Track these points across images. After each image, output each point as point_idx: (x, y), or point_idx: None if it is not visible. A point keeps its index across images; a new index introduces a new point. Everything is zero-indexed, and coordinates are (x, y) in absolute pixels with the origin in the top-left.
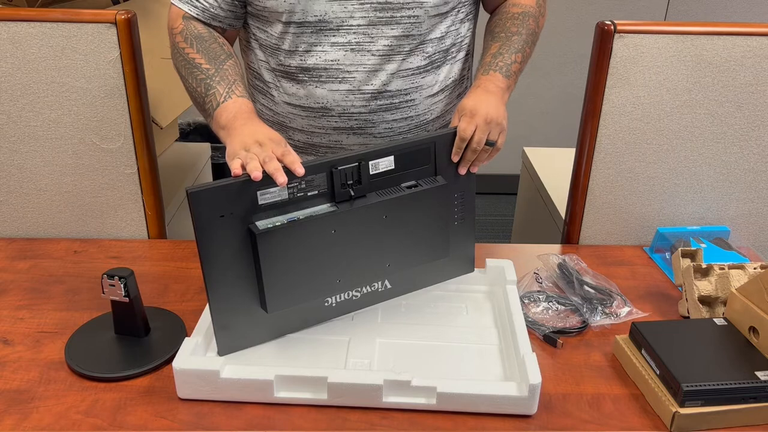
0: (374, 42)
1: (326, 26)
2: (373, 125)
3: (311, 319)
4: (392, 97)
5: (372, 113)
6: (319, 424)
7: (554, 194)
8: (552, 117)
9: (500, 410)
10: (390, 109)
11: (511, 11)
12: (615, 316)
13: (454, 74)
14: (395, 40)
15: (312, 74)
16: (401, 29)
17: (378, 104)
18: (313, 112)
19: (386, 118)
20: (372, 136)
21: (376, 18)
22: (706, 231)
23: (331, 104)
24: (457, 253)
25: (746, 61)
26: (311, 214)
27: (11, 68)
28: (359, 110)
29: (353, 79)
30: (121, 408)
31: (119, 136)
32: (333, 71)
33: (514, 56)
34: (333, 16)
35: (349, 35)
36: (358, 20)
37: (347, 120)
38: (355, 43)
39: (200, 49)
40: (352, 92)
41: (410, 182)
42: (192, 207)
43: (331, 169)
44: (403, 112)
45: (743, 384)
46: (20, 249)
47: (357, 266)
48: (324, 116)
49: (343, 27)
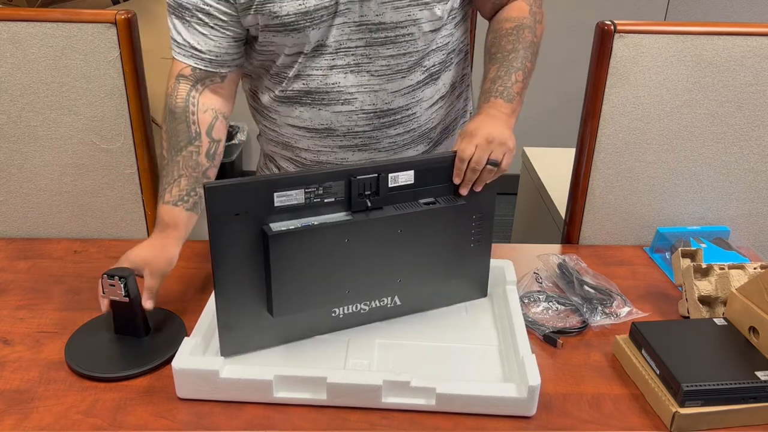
0: (372, 62)
1: (325, 50)
2: (377, 141)
3: (317, 328)
4: (394, 114)
5: (375, 130)
6: (318, 424)
7: (554, 194)
8: (552, 117)
9: (499, 411)
10: (393, 125)
11: (505, 27)
12: (615, 316)
13: (452, 78)
14: (393, 59)
15: (314, 97)
16: (397, 48)
17: (381, 122)
18: (318, 132)
19: (389, 134)
20: (377, 151)
21: (372, 39)
22: (706, 231)
23: (335, 125)
24: (471, 276)
25: (746, 61)
26: (326, 221)
27: (11, 68)
28: (363, 129)
29: (355, 99)
30: (121, 408)
31: (119, 136)
32: (335, 93)
33: (514, 76)
34: (332, 40)
35: (347, 57)
36: (355, 42)
37: (352, 138)
38: (354, 65)
39: (168, 129)
40: (355, 113)
41: (428, 199)
42: (208, 202)
43: (349, 177)
44: (406, 126)
45: (743, 384)
46: (20, 249)
47: (368, 278)
48: (329, 136)
49: (341, 50)
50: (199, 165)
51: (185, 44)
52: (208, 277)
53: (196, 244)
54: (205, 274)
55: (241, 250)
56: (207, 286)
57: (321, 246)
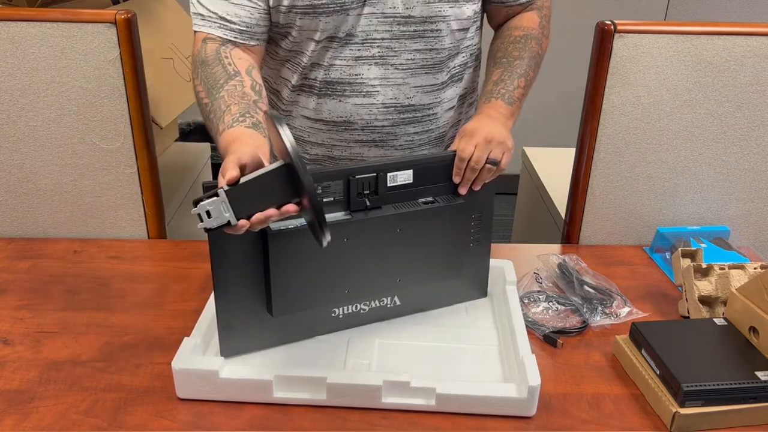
0: (397, 56)
1: (351, 40)
2: (395, 138)
3: (317, 328)
4: (416, 111)
5: (395, 126)
6: (318, 424)
7: (554, 194)
8: (552, 117)
9: (499, 411)
10: (413, 123)
11: (513, 34)
12: (615, 316)
13: (469, 83)
14: (419, 54)
15: (336, 88)
16: (424, 43)
17: (401, 118)
18: (336, 125)
19: (408, 131)
20: (393, 149)
21: (399, 32)
22: (706, 231)
23: (354, 118)
24: (471, 275)
25: (746, 61)
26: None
27: (11, 68)
28: (382, 123)
29: (377, 93)
30: (121, 408)
31: (119, 136)
32: (357, 85)
33: (517, 81)
34: (359, 30)
35: (372, 49)
36: (381, 34)
37: (370, 133)
38: (379, 57)
39: (203, 77)
40: (376, 106)
41: (427, 198)
42: None
43: (348, 177)
44: (425, 125)
45: (743, 384)
46: (20, 249)
47: (367, 278)
48: (347, 130)
49: (367, 41)
50: (246, 95)
51: (212, 15)
52: (208, 277)
53: (196, 244)
54: (205, 274)
55: (241, 250)
56: (207, 286)
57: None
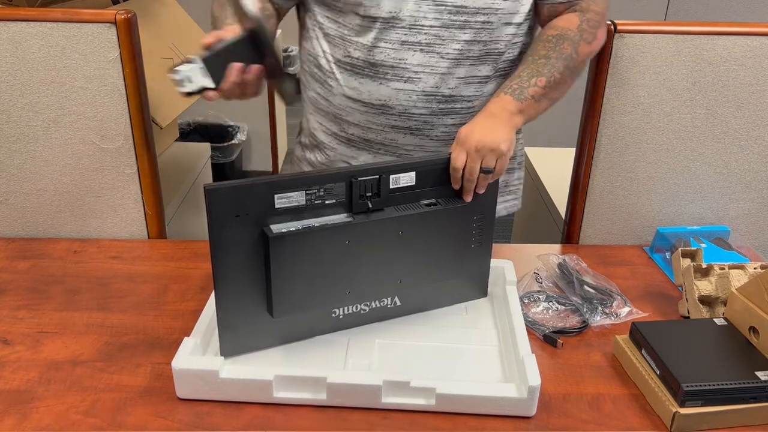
0: (445, 45)
1: (398, 23)
2: (432, 128)
3: (317, 329)
4: (455, 102)
5: (433, 115)
6: (319, 424)
7: (554, 194)
8: (552, 117)
9: (499, 411)
10: (451, 114)
11: (547, 33)
12: (615, 316)
13: None
14: (466, 45)
15: (378, 70)
16: (473, 34)
17: (440, 108)
18: (373, 108)
19: (446, 122)
20: (429, 138)
21: (450, 21)
22: (706, 231)
23: (393, 103)
24: (472, 276)
25: (746, 61)
26: (327, 222)
27: (11, 68)
28: (420, 111)
29: (419, 80)
30: (121, 408)
31: (119, 136)
32: (399, 70)
33: (535, 80)
34: (407, 14)
35: (420, 35)
36: (431, 21)
37: (407, 120)
38: (426, 44)
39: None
40: (416, 93)
41: (430, 200)
42: (208, 204)
43: (350, 179)
44: (463, 118)
45: (743, 384)
46: (20, 249)
47: (368, 279)
48: (383, 114)
49: (415, 26)
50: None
51: None
52: (208, 277)
53: (196, 244)
54: (205, 274)
55: (242, 252)
56: (207, 286)
57: (321, 248)
